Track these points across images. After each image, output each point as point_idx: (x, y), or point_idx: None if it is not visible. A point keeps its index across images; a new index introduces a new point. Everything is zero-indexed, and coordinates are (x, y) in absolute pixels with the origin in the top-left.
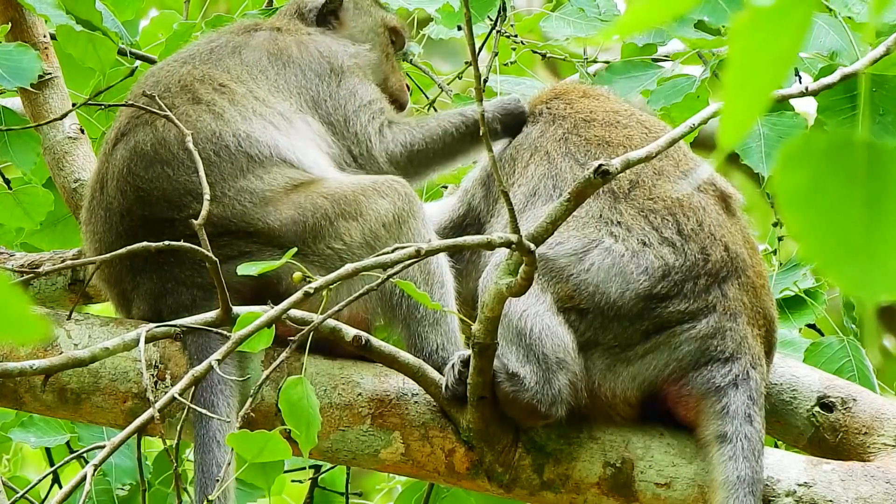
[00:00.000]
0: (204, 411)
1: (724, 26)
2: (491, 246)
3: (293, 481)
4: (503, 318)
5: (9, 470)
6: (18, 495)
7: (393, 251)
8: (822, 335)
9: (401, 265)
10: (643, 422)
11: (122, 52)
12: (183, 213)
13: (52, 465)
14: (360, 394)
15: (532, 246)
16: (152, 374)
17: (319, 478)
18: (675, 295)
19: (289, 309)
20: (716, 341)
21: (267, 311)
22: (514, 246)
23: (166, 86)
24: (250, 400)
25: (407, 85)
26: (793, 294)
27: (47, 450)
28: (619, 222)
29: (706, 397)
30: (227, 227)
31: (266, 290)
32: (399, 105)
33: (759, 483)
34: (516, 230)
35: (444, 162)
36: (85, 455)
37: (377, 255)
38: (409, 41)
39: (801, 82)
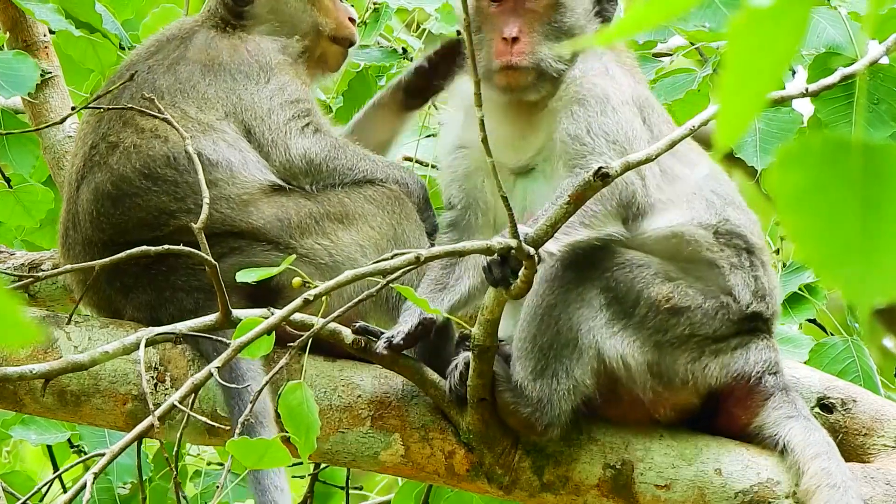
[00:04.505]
0: (200, 417)
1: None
2: (490, 251)
3: (294, 476)
4: (541, 323)
5: (9, 461)
6: (20, 501)
7: (392, 257)
8: (825, 330)
9: (400, 271)
10: (645, 424)
11: (122, 48)
12: (163, 231)
13: (52, 460)
14: (359, 395)
15: (531, 250)
16: (152, 377)
17: (319, 472)
18: (764, 319)
19: (289, 316)
20: (774, 357)
21: (267, 317)
22: (513, 251)
23: (109, 119)
24: (250, 405)
25: (353, 19)
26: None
27: (48, 446)
28: (760, 264)
29: (775, 394)
30: (211, 231)
31: (264, 284)
32: (348, 41)
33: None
34: (515, 234)
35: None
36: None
37: (376, 262)
38: None
39: (793, 76)
